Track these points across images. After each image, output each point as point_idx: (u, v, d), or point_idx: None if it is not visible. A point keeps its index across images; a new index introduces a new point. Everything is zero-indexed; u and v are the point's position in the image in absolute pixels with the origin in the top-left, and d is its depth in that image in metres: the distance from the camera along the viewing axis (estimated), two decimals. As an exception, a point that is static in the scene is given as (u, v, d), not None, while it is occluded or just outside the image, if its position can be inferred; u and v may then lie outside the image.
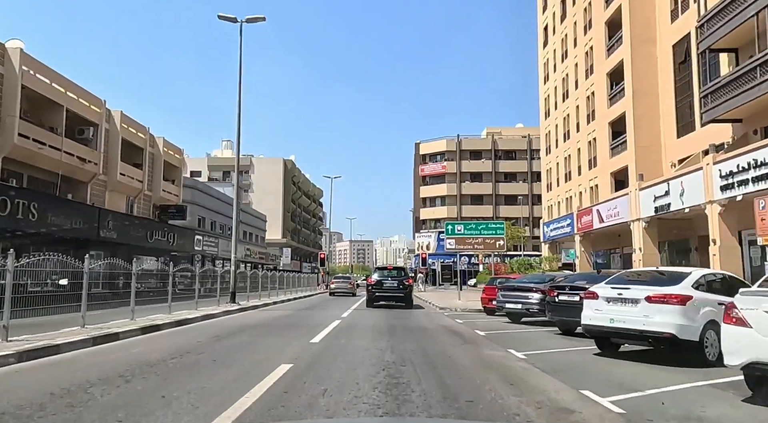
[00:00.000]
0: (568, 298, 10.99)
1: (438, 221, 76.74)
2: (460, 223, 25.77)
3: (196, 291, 18.75)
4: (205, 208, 51.05)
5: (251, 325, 13.85)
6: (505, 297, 14.40)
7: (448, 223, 25.84)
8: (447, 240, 25.27)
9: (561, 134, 47.16)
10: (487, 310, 18.27)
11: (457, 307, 20.62)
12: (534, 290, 13.88)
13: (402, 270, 25.30)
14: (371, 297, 24.20)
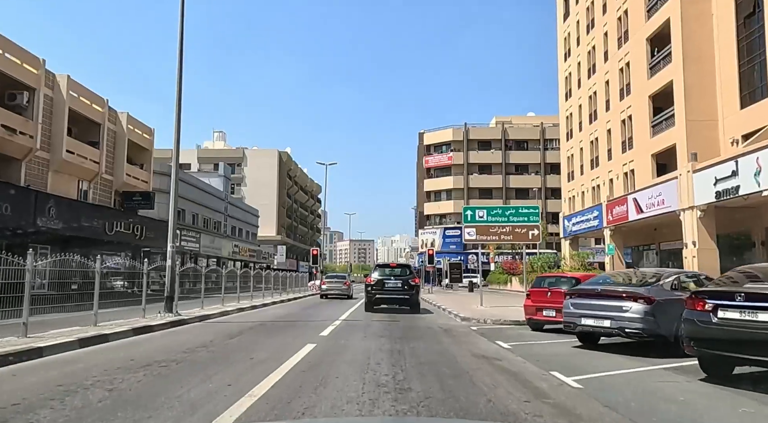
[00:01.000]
0: (749, 316, 5.58)
1: (443, 217, 71.27)
2: (483, 208, 20.30)
3: (144, 294, 13.48)
4: (184, 198, 45.55)
5: (123, 368, 7.12)
6: (580, 308, 8.95)
7: (467, 207, 20.37)
8: (466, 229, 19.81)
9: (586, 115, 41.70)
10: (533, 324, 12.81)
11: (484, 316, 15.14)
12: (632, 298, 8.42)
13: (407, 268, 19.95)
14: (371, 299, 19.10)
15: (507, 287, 43.31)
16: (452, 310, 18.13)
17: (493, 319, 14.27)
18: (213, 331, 11.51)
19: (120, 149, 31.64)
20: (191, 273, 25.10)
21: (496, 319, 14.22)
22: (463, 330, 12.52)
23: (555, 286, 12.40)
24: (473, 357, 8.38)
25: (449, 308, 19.36)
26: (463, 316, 15.31)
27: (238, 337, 10.59)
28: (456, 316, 16.12)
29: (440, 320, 15.21)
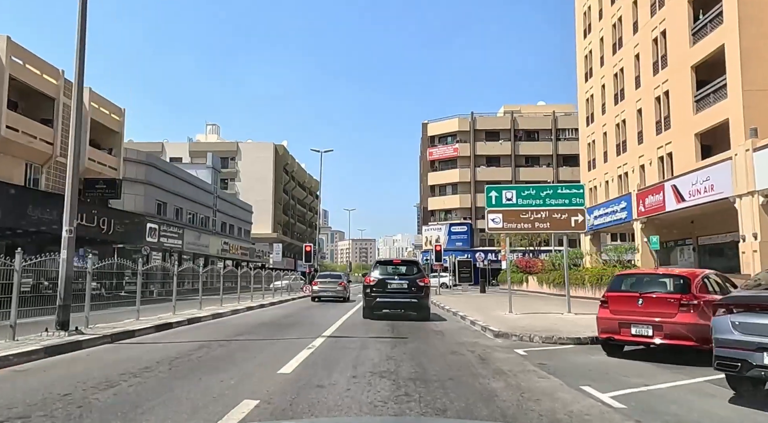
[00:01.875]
0: None
1: (448, 212, 66.98)
2: (511, 188, 16.02)
3: (13, 303, 9.15)
4: (165, 190, 41.38)
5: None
6: (754, 332, 4.73)
7: (492, 187, 16.11)
8: (489, 215, 15.56)
9: (610, 96, 37.40)
10: (612, 346, 8.49)
11: (524, 330, 10.81)
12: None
13: (414, 265, 15.74)
14: (370, 304, 15.09)
15: (522, 287, 39.01)
16: (475, 319, 13.86)
17: (541, 336, 9.97)
18: (83, 374, 6.87)
19: (81, 129, 27.38)
20: (159, 273, 20.96)
21: (546, 336, 9.91)
22: (509, 357, 8.12)
23: (650, 289, 8.10)
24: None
25: (470, 316, 15.10)
26: (496, 329, 11.01)
27: (115, 390, 5.83)
28: (485, 328, 11.80)
29: (465, 336, 10.93)
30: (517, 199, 15.67)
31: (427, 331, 11.93)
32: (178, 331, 11.96)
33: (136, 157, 38.17)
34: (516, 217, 15.59)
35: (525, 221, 15.55)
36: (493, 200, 15.83)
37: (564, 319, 13.81)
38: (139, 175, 38.22)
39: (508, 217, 15.62)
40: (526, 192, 15.64)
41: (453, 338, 10.52)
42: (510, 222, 15.59)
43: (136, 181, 38.07)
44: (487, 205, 15.86)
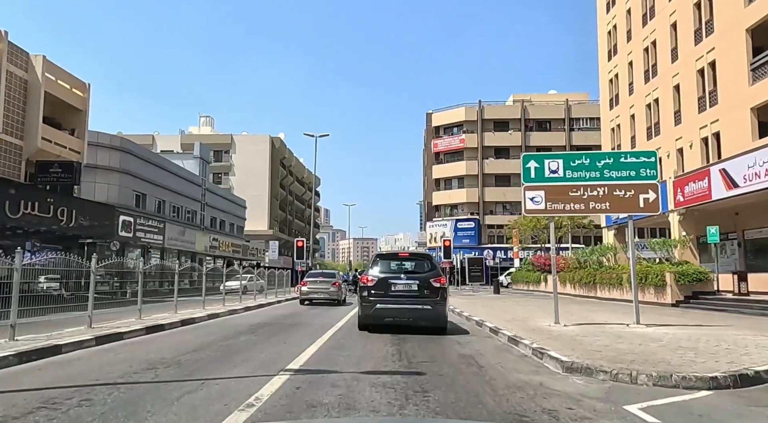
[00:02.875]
0: None
1: (454, 207, 62.95)
2: (557, 156, 11.98)
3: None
4: (144, 180, 37.43)
5: None
6: None
7: (530, 156, 12.14)
8: (527, 192, 11.62)
9: (639, 74, 33.37)
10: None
11: (614, 361, 6.60)
12: None
13: (426, 260, 11.76)
14: (368, 312, 11.13)
15: (540, 287, 34.97)
16: (515, 334, 9.86)
17: (648, 372, 5.93)
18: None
19: (33, 104, 23.48)
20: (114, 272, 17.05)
21: (657, 373, 5.85)
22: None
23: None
24: None
25: (501, 327, 11.11)
26: (562, 357, 6.96)
27: None
28: (539, 353, 7.64)
29: (514, 368, 6.80)
30: (565, 172, 11.68)
31: (451, 356, 7.93)
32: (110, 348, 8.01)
33: (109, 141, 34.25)
34: (563, 194, 11.60)
35: (576, 201, 11.56)
36: (532, 173, 11.83)
37: (643, 335, 9.83)
38: (113, 162, 34.30)
39: (554, 195, 11.63)
40: (577, 161, 11.64)
41: (497, 373, 6.52)
42: (556, 201, 11.60)
43: (110, 168, 34.17)
44: (524, 178, 11.88)
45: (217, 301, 17.90)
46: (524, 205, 11.89)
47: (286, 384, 5.67)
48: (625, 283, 22.60)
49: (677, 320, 13.30)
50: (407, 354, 8.07)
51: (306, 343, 9.27)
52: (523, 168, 11.94)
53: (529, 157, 11.99)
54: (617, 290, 23.40)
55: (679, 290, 19.57)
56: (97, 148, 33.51)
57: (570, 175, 11.66)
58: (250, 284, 24.80)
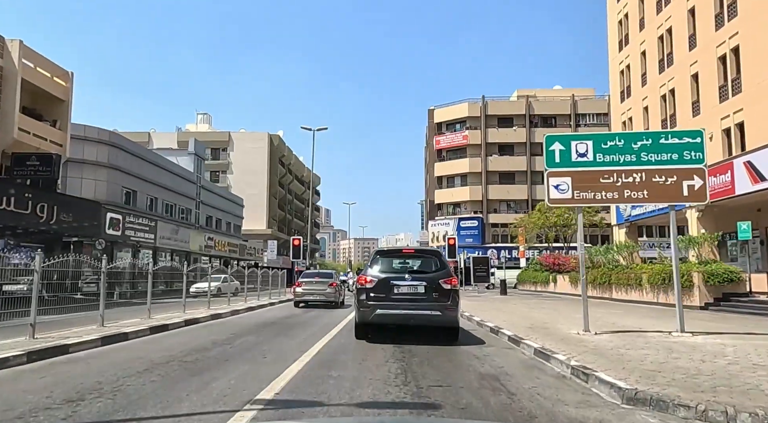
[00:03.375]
0: None
1: (457, 205, 61.31)
2: (585, 137, 10.29)
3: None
4: (135, 176, 35.84)
5: None
6: None
7: (554, 137, 10.46)
8: (551, 179, 10.01)
9: (653, 63, 31.71)
10: None
11: (693, 390, 4.93)
12: None
13: (434, 257, 10.15)
14: (366, 318, 9.57)
15: (549, 288, 33.33)
16: (543, 346, 8.23)
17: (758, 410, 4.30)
18: None
19: (9, 92, 21.88)
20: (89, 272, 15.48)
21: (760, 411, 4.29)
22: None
23: None
24: None
25: (524, 336, 9.49)
26: (623, 384, 5.17)
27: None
28: (582, 373, 5.93)
29: (555, 395, 5.17)
30: (595, 155, 10.04)
31: (470, 377, 6.30)
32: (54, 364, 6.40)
33: (97, 135, 32.65)
34: (594, 181, 9.96)
35: (608, 188, 9.91)
36: (557, 156, 10.19)
37: (697, 346, 8.19)
38: (101, 157, 32.70)
39: (582, 183, 9.98)
40: (609, 143, 9.99)
41: (536, 406, 4.87)
42: (584, 189, 9.95)
43: (98, 164, 32.58)
44: (547, 163, 10.24)
45: (202, 304, 16.28)
46: (547, 193, 10.24)
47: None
48: (645, 284, 20.96)
49: (720, 326, 11.68)
50: (414, 374, 6.44)
51: (291, 357, 7.66)
52: (546, 151, 10.29)
53: (554, 139, 10.34)
54: (636, 291, 21.75)
55: (708, 292, 17.92)
56: (84, 143, 31.96)
57: (601, 158, 10.02)
58: (224, 286, 22.06)
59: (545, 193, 10.35)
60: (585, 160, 10.09)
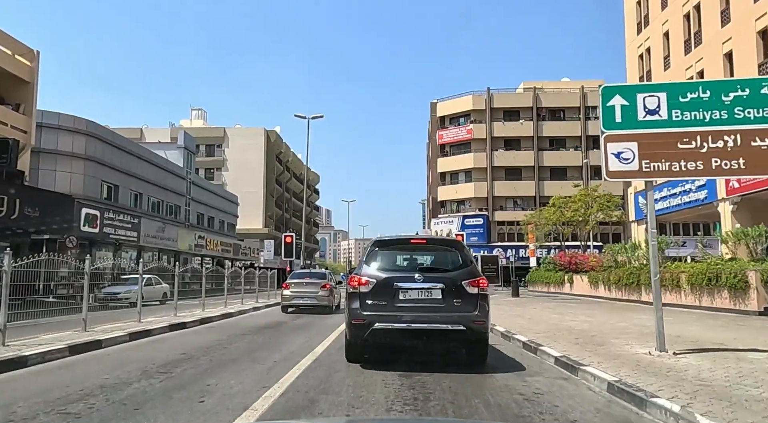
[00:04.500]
0: None
1: (461, 202, 58.66)
2: (659, 88, 7.70)
3: None
4: (116, 170, 33.24)
5: None
6: None
7: (611, 87, 7.76)
8: (610, 146, 7.29)
9: (678, 44, 29.11)
10: None
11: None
12: None
13: (453, 250, 7.50)
14: (361, 335, 6.87)
15: (565, 289, 30.65)
16: (615, 377, 5.58)
17: None
18: None
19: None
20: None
21: None
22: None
23: None
24: None
25: (581, 360, 6.84)
26: None
27: None
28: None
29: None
30: (670, 112, 7.41)
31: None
32: None
33: (73, 124, 30.02)
34: (669, 147, 7.32)
35: (690, 156, 7.28)
36: (618, 114, 7.56)
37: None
38: (78, 147, 30.07)
39: (653, 149, 7.34)
40: (690, 95, 7.35)
41: None
42: (656, 158, 7.32)
43: (74, 155, 29.94)
44: (605, 124, 7.63)
45: (185, 307, 13.64)
46: (605, 165, 7.59)
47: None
48: (684, 285, 18.29)
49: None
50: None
51: (242, 401, 5.02)
52: (603, 108, 7.65)
53: (613, 91, 7.68)
54: (673, 293, 19.08)
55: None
56: (57, 131, 29.38)
57: (678, 116, 7.38)
58: (147, 290, 17.27)
59: (602, 163, 7.70)
60: (656, 119, 7.45)
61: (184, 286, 20.65)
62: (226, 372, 6.60)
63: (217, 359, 7.56)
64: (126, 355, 7.79)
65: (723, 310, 16.03)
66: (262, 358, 7.69)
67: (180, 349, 8.60)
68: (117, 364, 7.16)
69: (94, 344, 8.49)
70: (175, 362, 7.22)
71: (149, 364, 6.88)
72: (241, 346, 9.12)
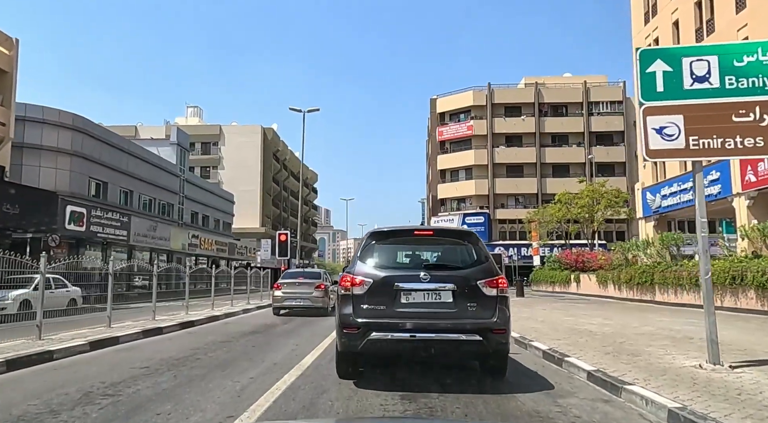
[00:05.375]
0: None
1: (462, 200, 57.48)
2: (708, 50, 6.53)
3: None
4: (105, 166, 31.99)
5: None
6: None
7: (651, 50, 6.57)
8: (650, 119, 6.05)
9: (688, 32, 27.95)
10: None
11: None
12: None
13: (466, 243, 6.25)
14: (354, 345, 5.59)
15: (571, 289, 29.47)
16: (675, 404, 4.36)
17: None
18: None
19: (-71, 56, 18.01)
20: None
21: None
22: None
23: None
24: None
25: (624, 379, 5.64)
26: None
27: None
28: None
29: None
30: (723, 79, 6.22)
31: None
32: None
33: (58, 118, 28.79)
34: (723, 120, 6.13)
35: (747, 132, 6.09)
36: (659, 82, 6.36)
37: None
38: (63, 143, 28.82)
39: (703, 123, 6.16)
40: (746, 58, 6.15)
41: None
42: (706, 134, 6.13)
43: (59, 150, 28.69)
44: (643, 94, 6.43)
45: (169, 309, 12.44)
46: (644, 142, 6.38)
47: None
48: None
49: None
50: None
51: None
52: (642, 75, 6.44)
53: (654, 54, 6.47)
54: (691, 293, 17.90)
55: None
56: (42, 126, 28.16)
57: (734, 84, 6.19)
58: (46, 296, 10.91)
59: (640, 140, 6.49)
60: (706, 88, 6.25)
61: (170, 287, 19.45)
62: (190, 393, 5.38)
63: (183, 375, 6.33)
64: (75, 371, 6.57)
65: (749, 311, 14.86)
66: (238, 372, 6.48)
67: (145, 360, 7.39)
68: (59, 382, 5.93)
69: (46, 355, 7.27)
70: (131, 380, 6.00)
71: (97, 382, 5.68)
72: (218, 355, 7.90)
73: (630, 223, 47.53)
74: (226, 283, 20.09)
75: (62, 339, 8.54)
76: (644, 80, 6.45)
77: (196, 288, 19.65)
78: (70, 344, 7.93)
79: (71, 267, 11.49)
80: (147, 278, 18.50)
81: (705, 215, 6.34)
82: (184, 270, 16.31)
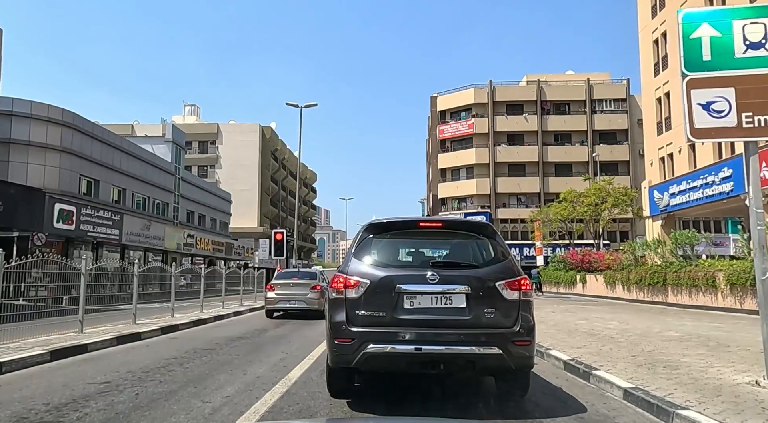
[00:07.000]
0: None
1: (463, 200, 56.53)
2: (763, 11, 5.68)
3: None
4: (97, 163, 31.03)
5: None
6: None
7: (694, 14, 5.62)
8: (695, 93, 5.07)
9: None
10: None
11: None
12: None
13: (482, 237, 5.33)
14: (348, 358, 4.60)
15: (577, 290, 28.53)
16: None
17: None
18: None
19: None
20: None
21: None
22: None
23: None
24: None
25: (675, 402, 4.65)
26: None
27: None
28: None
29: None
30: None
31: None
32: None
33: (47, 114, 27.83)
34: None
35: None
36: (705, 50, 5.44)
37: None
38: (52, 139, 27.86)
39: (759, 97, 5.24)
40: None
41: None
42: (762, 109, 5.22)
43: (48, 147, 27.72)
44: (686, 65, 5.50)
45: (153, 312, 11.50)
46: (689, 118, 5.45)
47: None
48: (721, 286, 16.17)
49: None
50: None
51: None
52: (685, 41, 5.52)
53: (699, 17, 5.56)
54: (707, 295, 16.95)
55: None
56: (29, 121, 27.20)
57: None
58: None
59: (683, 117, 5.54)
60: (763, 55, 5.33)
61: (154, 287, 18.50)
62: (146, 418, 4.44)
63: (147, 393, 5.38)
64: (19, 388, 5.61)
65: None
66: (212, 389, 5.54)
67: (109, 373, 6.45)
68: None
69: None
70: (82, 399, 5.04)
71: (40, 403, 4.75)
72: (194, 367, 6.96)
73: (634, 223, 46.60)
74: (218, 283, 19.14)
75: (21, 347, 7.60)
76: (687, 48, 5.52)
77: (183, 289, 18.67)
78: (28, 354, 7.00)
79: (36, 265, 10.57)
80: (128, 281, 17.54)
81: (761, 205, 5.42)
82: (169, 270, 15.39)
